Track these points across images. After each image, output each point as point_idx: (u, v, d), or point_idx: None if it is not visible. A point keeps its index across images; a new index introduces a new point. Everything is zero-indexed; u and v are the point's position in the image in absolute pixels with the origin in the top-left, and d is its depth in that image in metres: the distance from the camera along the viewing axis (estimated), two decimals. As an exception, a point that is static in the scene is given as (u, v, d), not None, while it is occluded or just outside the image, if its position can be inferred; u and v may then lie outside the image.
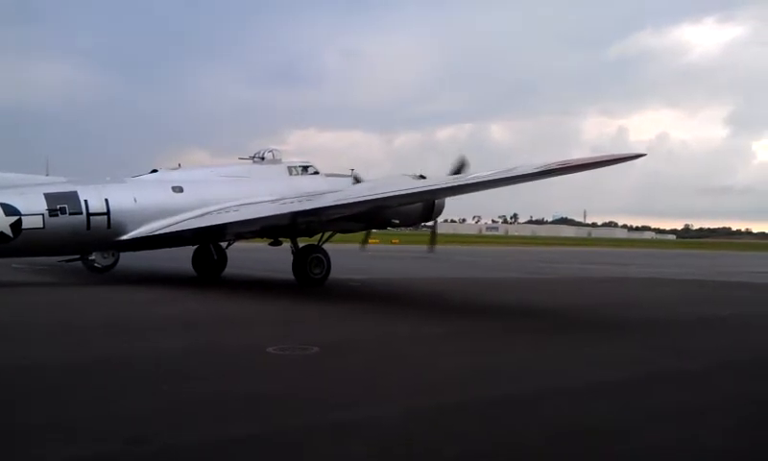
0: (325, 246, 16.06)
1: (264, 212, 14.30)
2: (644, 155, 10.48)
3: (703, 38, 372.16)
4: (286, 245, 16.62)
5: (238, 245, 17.86)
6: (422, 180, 14.39)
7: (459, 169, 14.75)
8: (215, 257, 16.35)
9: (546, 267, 26.68)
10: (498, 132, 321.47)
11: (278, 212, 14.07)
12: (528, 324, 10.54)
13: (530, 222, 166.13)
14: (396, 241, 43.35)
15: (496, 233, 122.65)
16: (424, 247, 19.05)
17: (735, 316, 12.45)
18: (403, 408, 5.25)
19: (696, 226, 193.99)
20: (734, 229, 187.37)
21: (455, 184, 12.59)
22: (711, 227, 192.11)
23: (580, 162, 10.32)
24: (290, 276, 15.76)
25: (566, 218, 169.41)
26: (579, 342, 8.74)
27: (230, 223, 14.46)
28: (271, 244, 16.93)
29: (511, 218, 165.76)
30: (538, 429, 4.82)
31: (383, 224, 15.83)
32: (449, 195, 14.39)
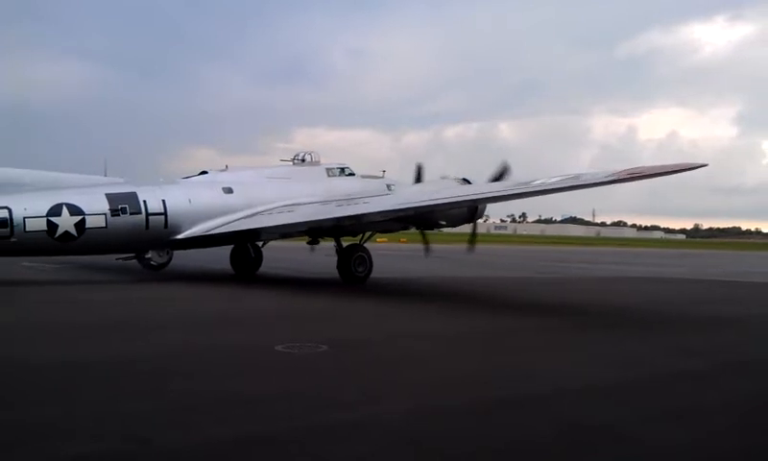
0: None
1: (320, 215, 15.28)
2: (706, 165, 11.45)
3: (713, 37, 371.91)
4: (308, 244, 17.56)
5: (270, 244, 18.58)
6: (470, 185, 15.25)
7: (501, 174, 15.46)
8: (252, 256, 17.46)
9: (556, 266, 27.12)
10: (507, 130, 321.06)
11: (339, 214, 14.92)
12: (542, 322, 10.82)
13: (539, 221, 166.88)
14: (404, 240, 44.10)
15: (505, 233, 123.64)
16: (433, 247, 19.54)
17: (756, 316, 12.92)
18: (409, 408, 5.32)
19: (706, 225, 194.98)
20: (744, 228, 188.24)
21: (519, 192, 12.90)
22: (721, 226, 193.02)
23: (646, 172, 11.00)
24: (319, 274, 16.61)
25: (575, 217, 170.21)
26: (598, 340, 9.16)
27: (283, 224, 15.48)
28: (309, 243, 18.02)
29: (519, 217, 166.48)
30: (550, 428, 4.95)
31: (431, 226, 16.77)
32: (509, 200, 14.59)
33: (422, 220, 16.24)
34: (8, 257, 14.83)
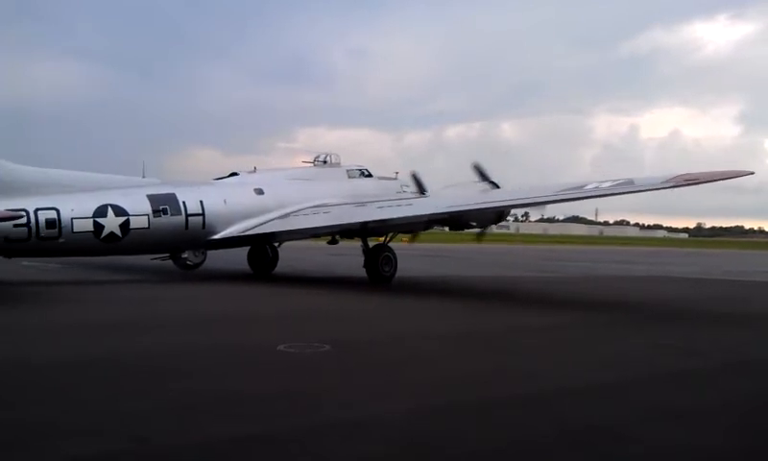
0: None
1: (363, 216, 14.78)
2: (752, 173, 11.63)
3: (715, 35, 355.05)
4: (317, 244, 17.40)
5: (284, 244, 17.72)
6: (498, 189, 15.25)
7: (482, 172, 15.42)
8: (270, 255, 16.83)
9: (558, 265, 26.20)
10: (508, 130, 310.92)
11: (388, 216, 14.52)
12: (543, 322, 10.33)
13: (541, 220, 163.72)
14: (406, 240, 43.40)
15: (507, 232, 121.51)
16: (432, 246, 19.31)
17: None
18: (410, 408, 5.02)
19: (708, 224, 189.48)
20: (747, 227, 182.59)
21: (571, 196, 12.24)
22: (724, 225, 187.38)
23: (700, 179, 10.85)
24: (334, 274, 16.19)
25: (578, 216, 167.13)
26: (599, 339, 8.74)
27: (322, 226, 15.01)
28: (329, 243, 17.63)
29: (522, 216, 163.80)
30: (551, 428, 4.68)
31: (461, 226, 16.58)
32: (561, 202, 14.07)
33: (455, 221, 15.92)
34: (11, 258, 13.85)
